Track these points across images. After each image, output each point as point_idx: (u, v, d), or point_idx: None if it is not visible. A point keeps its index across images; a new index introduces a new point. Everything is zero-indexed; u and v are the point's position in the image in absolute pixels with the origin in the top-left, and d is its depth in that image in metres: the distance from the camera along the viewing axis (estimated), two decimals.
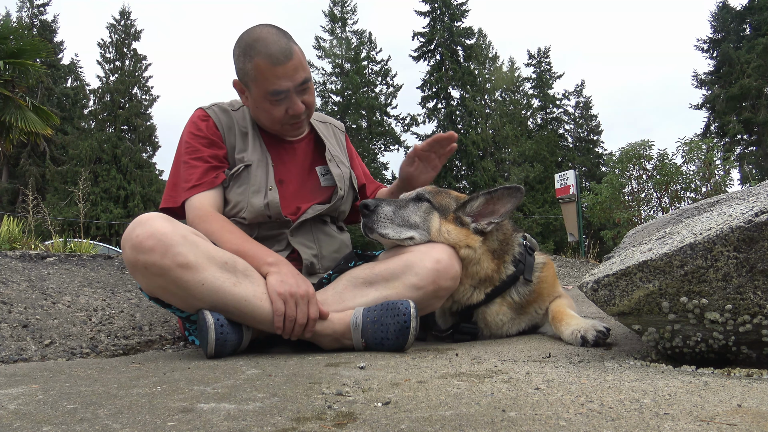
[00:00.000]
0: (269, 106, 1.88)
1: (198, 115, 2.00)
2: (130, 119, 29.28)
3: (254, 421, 0.87)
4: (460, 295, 1.88)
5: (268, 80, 1.81)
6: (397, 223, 1.82)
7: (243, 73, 1.86)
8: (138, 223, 1.57)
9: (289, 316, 1.61)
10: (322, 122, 2.24)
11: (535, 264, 2.00)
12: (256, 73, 1.81)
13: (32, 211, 6.22)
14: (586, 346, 1.65)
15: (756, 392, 1.00)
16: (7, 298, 2.26)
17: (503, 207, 1.89)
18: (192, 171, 1.89)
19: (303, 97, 1.90)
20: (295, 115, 1.90)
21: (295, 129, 2.00)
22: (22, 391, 1.11)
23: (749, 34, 29.57)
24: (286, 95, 1.85)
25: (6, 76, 11.32)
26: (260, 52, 1.79)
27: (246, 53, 1.82)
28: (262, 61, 1.79)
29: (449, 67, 32.60)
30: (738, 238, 1.16)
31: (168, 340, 2.29)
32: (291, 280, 1.64)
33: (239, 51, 1.85)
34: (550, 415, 0.87)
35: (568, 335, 1.73)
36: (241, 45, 1.85)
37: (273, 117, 1.91)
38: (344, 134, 2.34)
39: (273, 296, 1.61)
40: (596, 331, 1.66)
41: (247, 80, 1.86)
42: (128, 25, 30.73)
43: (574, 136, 36.84)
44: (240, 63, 1.85)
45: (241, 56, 1.84)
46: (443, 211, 1.89)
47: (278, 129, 1.98)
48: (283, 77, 1.81)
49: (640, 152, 11.02)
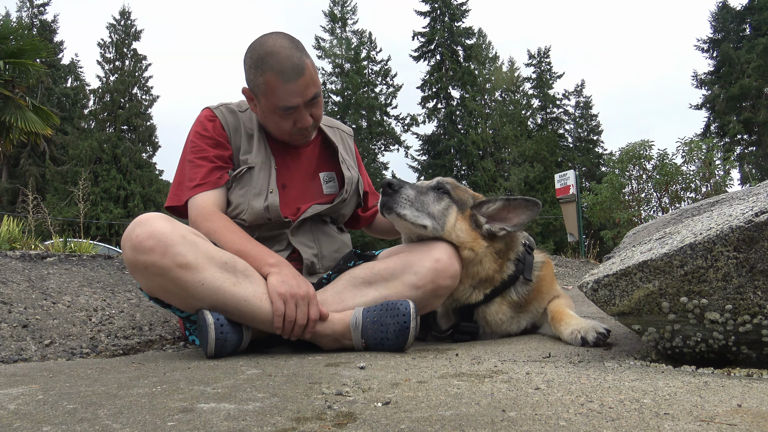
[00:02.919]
0: (278, 119, 1.89)
1: (205, 114, 2.00)
2: (130, 119, 29.26)
3: (254, 421, 0.87)
4: (459, 294, 1.88)
5: (278, 96, 1.81)
6: (416, 207, 1.80)
7: (254, 85, 1.86)
8: (138, 223, 1.57)
9: (289, 316, 1.61)
10: (330, 127, 2.22)
11: (534, 263, 2.00)
12: (267, 88, 1.81)
13: (32, 211, 6.22)
14: (585, 346, 1.65)
15: (756, 392, 1.00)
16: (7, 298, 2.26)
17: (517, 217, 1.88)
18: (197, 170, 1.90)
19: (311, 110, 1.91)
20: (302, 128, 1.92)
21: (303, 139, 2.00)
22: (22, 391, 1.11)
23: (749, 34, 29.56)
24: (295, 110, 1.86)
25: (6, 76, 11.32)
26: (272, 68, 1.78)
27: (258, 66, 1.81)
28: (274, 78, 1.78)
29: (449, 67, 32.59)
30: (738, 238, 1.16)
31: (168, 340, 2.29)
32: (292, 281, 1.64)
33: (251, 63, 1.84)
34: (550, 415, 0.87)
35: (567, 335, 1.73)
36: (253, 56, 1.83)
37: (281, 129, 1.92)
38: (352, 139, 2.32)
39: (273, 296, 1.61)
40: (596, 333, 1.66)
41: (258, 92, 1.86)
42: (128, 25, 30.71)
43: (574, 136, 36.82)
44: (251, 74, 1.84)
45: (253, 68, 1.83)
46: (461, 206, 1.89)
47: (286, 138, 1.99)
48: (293, 94, 1.81)
49: (640, 152, 11.02)
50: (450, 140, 31.27)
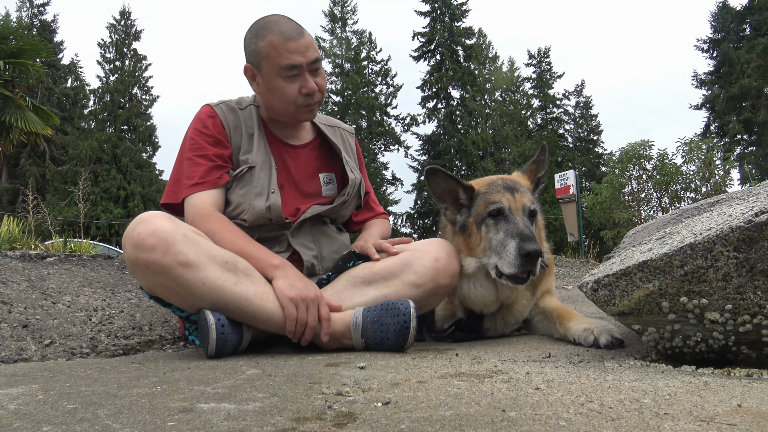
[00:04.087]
0: (282, 84, 1.87)
1: (205, 111, 1.98)
2: (130, 119, 29.25)
3: (254, 421, 0.87)
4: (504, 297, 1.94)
5: (281, 55, 1.83)
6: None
7: (255, 53, 1.87)
8: (139, 221, 1.57)
9: (301, 320, 1.62)
10: (330, 126, 2.20)
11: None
12: (270, 49, 1.83)
13: (32, 211, 6.22)
14: (594, 347, 1.63)
15: (756, 392, 1.00)
16: (7, 298, 2.26)
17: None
18: (195, 168, 1.88)
19: (315, 78, 1.91)
20: (308, 94, 1.89)
21: (308, 112, 1.96)
22: (22, 391, 1.11)
23: (749, 34, 29.55)
24: (299, 71, 1.86)
25: (6, 76, 11.31)
26: (273, 30, 1.84)
27: (258, 34, 1.86)
28: (275, 37, 1.83)
29: (449, 67, 32.58)
30: (738, 238, 1.16)
31: (168, 340, 2.28)
32: (299, 284, 1.64)
33: (251, 35, 1.89)
34: (550, 415, 0.87)
35: (579, 332, 1.70)
36: (252, 29, 1.90)
37: (287, 96, 1.89)
38: (354, 137, 2.29)
39: (284, 302, 1.61)
40: (611, 336, 1.63)
41: (260, 59, 1.87)
42: (128, 25, 30.70)
43: (574, 136, 36.81)
44: (252, 44, 1.88)
45: (253, 38, 1.87)
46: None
47: (292, 112, 1.94)
48: (295, 52, 1.84)
49: (640, 152, 11.03)
50: (450, 140, 31.26)
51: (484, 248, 1.83)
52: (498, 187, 1.88)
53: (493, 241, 1.80)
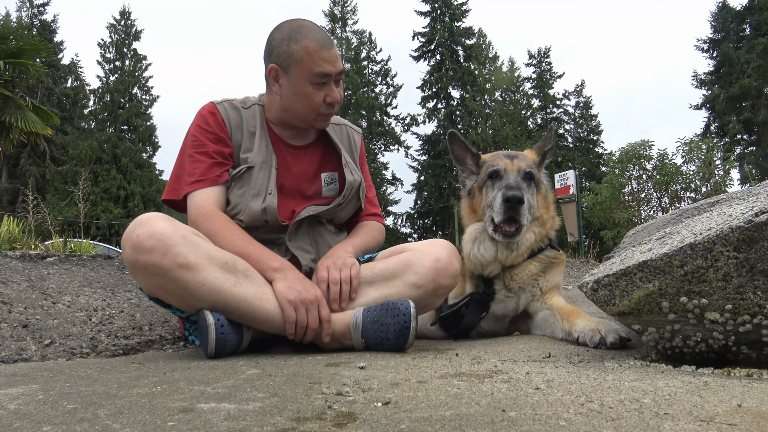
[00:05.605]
0: (311, 91, 1.88)
1: (207, 109, 1.98)
2: (130, 119, 29.26)
3: (254, 421, 0.87)
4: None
5: (315, 62, 1.84)
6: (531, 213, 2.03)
7: (286, 56, 1.86)
8: (138, 223, 1.57)
9: (301, 322, 1.62)
10: (336, 124, 2.19)
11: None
12: (304, 54, 1.83)
13: (32, 211, 6.22)
14: (600, 346, 1.62)
15: (756, 392, 1.00)
16: (7, 298, 2.26)
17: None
18: (196, 165, 1.88)
19: (338, 89, 1.93)
20: (331, 104, 1.92)
21: (325, 120, 2.00)
22: (22, 391, 1.11)
23: (749, 34, 29.53)
24: (327, 80, 1.88)
25: (6, 76, 11.32)
26: (308, 36, 1.84)
27: (292, 37, 1.85)
28: (311, 43, 1.83)
29: (449, 67, 32.57)
30: (738, 238, 1.16)
31: (168, 340, 2.28)
32: (299, 286, 1.64)
33: (282, 36, 1.88)
34: (550, 415, 0.87)
35: (587, 330, 1.69)
36: (284, 30, 1.89)
37: (311, 103, 1.90)
38: (360, 136, 2.27)
39: (284, 304, 1.61)
40: (618, 335, 1.61)
41: (291, 62, 1.86)
42: (128, 25, 30.70)
43: (574, 136, 36.79)
44: (284, 46, 1.86)
45: (286, 40, 1.86)
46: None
47: (312, 119, 1.96)
48: (329, 61, 1.85)
49: (640, 152, 11.03)
50: None
51: (483, 208, 2.07)
52: (500, 156, 2.13)
53: (488, 198, 2.05)
